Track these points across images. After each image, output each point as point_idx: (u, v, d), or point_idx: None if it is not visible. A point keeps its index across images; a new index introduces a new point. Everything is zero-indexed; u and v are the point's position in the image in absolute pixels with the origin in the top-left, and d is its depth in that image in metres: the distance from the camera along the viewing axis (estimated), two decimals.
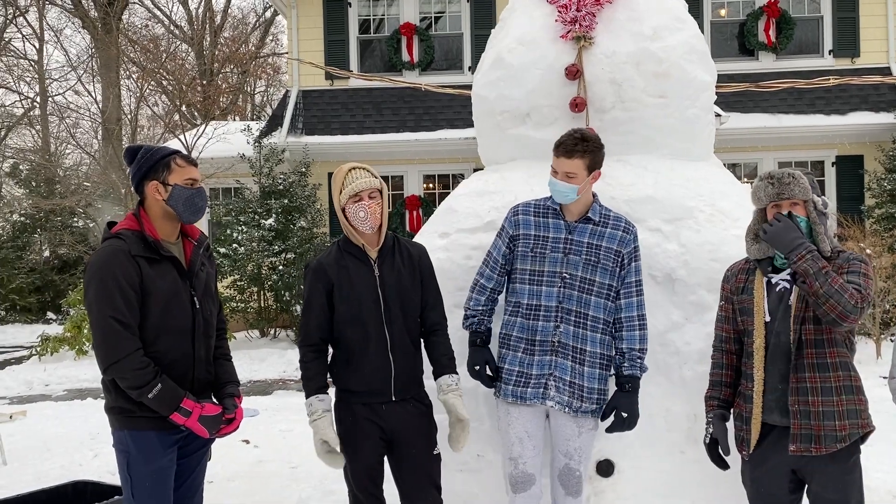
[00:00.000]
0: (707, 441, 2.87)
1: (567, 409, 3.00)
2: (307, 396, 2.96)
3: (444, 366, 3.05)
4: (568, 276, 3.02)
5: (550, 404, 3.02)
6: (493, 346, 3.22)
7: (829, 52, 13.25)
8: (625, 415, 3.00)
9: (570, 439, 3.02)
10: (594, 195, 3.13)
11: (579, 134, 3.05)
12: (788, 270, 2.72)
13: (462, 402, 3.01)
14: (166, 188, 2.76)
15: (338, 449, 2.91)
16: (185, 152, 2.88)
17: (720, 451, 2.85)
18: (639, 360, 3.05)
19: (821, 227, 2.71)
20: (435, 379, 3.05)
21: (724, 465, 2.88)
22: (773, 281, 2.75)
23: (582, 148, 3.00)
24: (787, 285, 2.72)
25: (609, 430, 3.05)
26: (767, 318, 2.73)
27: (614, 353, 3.09)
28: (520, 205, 3.19)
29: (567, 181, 3.00)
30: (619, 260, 3.05)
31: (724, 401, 2.89)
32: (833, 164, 13.14)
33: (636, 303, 3.07)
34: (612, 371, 3.10)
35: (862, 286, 2.59)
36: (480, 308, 3.19)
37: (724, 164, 4.35)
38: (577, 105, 3.78)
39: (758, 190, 2.78)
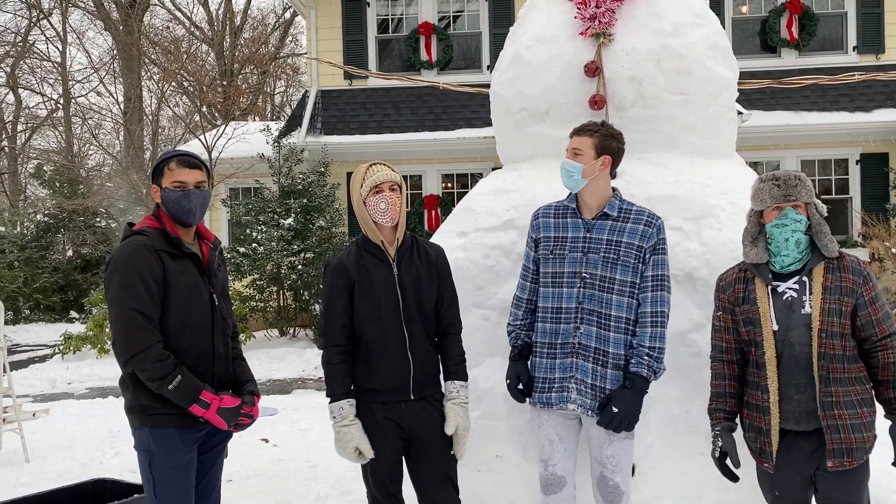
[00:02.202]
0: (717, 455, 2.78)
1: (589, 412, 2.94)
2: (334, 400, 2.93)
3: (451, 372, 3.03)
4: (588, 276, 2.96)
5: (573, 407, 2.97)
6: None
7: (854, 48, 13.07)
8: (615, 409, 2.86)
9: (603, 447, 2.95)
10: (615, 190, 3.07)
11: (600, 121, 3.10)
12: (795, 279, 2.67)
13: (459, 412, 2.96)
14: (161, 191, 2.84)
15: (371, 457, 2.90)
16: (192, 153, 2.92)
17: (729, 463, 2.78)
18: (646, 359, 2.90)
19: (826, 228, 2.67)
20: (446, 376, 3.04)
21: (734, 477, 2.80)
22: (780, 289, 2.69)
23: (592, 127, 3.02)
24: (794, 294, 2.66)
25: (599, 422, 2.91)
26: (775, 328, 2.67)
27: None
28: (541, 208, 3.17)
29: (574, 158, 2.99)
30: (641, 255, 2.96)
31: (730, 412, 2.81)
32: (857, 161, 12.96)
33: (651, 298, 2.94)
34: None
35: (891, 315, 2.59)
36: (518, 322, 3.14)
37: (746, 163, 4.29)
38: (597, 102, 3.74)
39: (760, 192, 2.73)
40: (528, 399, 3.10)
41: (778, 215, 2.68)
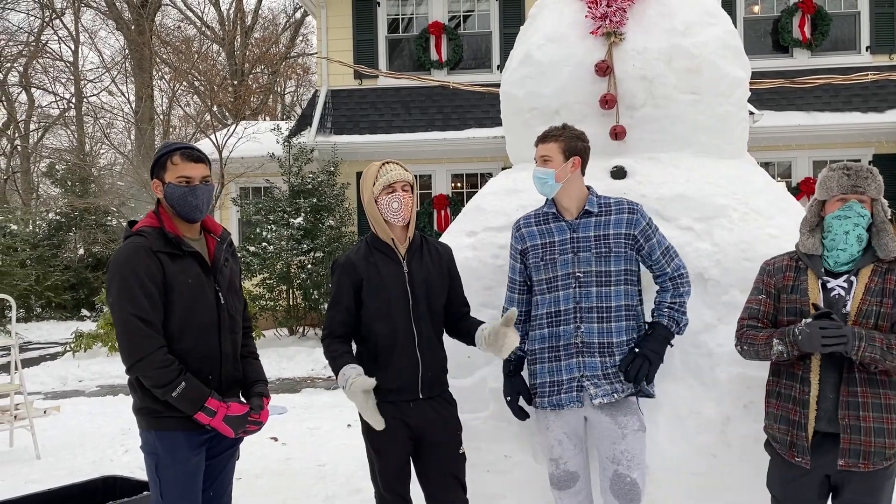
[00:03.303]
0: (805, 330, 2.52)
1: (615, 395, 2.94)
2: (337, 370, 2.88)
3: (479, 322, 3.03)
4: (582, 275, 2.98)
5: (597, 402, 2.95)
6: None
7: (867, 48, 12.98)
8: (637, 350, 2.94)
9: (616, 442, 2.94)
10: (589, 188, 3.09)
11: (560, 124, 3.12)
12: (844, 278, 2.62)
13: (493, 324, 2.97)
14: (164, 186, 2.75)
15: (371, 386, 2.79)
16: (197, 147, 2.82)
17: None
18: (666, 310, 3.00)
19: (889, 227, 2.60)
20: (474, 335, 2.98)
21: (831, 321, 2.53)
22: (830, 285, 2.64)
23: (556, 133, 3.05)
24: (842, 292, 2.62)
25: (621, 366, 2.94)
26: None
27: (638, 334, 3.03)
28: (520, 219, 3.18)
29: (544, 165, 3.01)
30: (632, 242, 3.00)
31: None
32: (870, 162, 12.86)
33: (670, 271, 3.02)
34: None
35: None
36: None
37: (758, 163, 4.27)
38: (607, 102, 3.73)
39: (828, 180, 2.66)
40: (532, 408, 3.11)
41: (841, 206, 2.61)
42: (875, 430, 2.55)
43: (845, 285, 2.63)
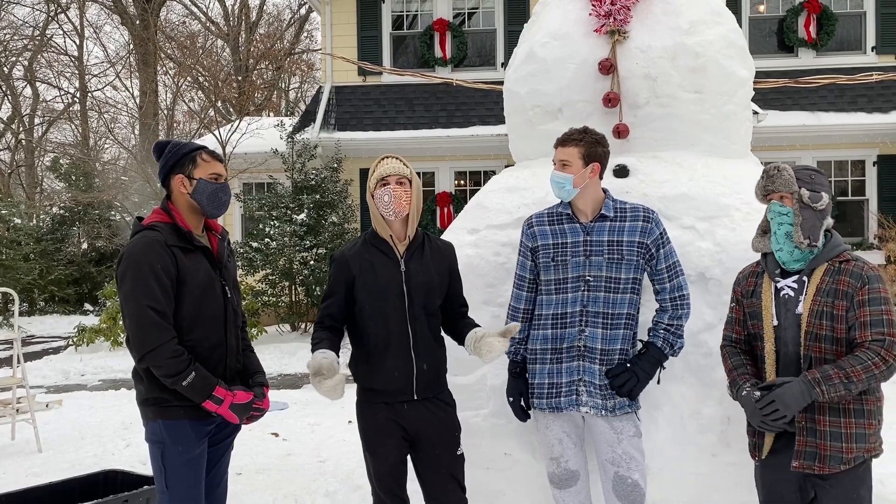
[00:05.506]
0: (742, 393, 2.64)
1: (603, 411, 2.94)
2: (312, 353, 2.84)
3: (476, 325, 3.01)
4: (592, 279, 2.97)
5: (585, 410, 2.97)
6: None
7: (872, 48, 12.94)
8: (628, 365, 2.94)
9: (613, 446, 2.95)
10: (605, 191, 3.07)
11: (581, 127, 3.09)
12: (794, 278, 2.64)
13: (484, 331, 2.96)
14: (191, 182, 2.81)
15: (327, 375, 2.72)
16: (211, 148, 2.93)
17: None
18: (662, 332, 2.99)
19: (797, 219, 2.62)
20: (466, 336, 2.96)
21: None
22: (779, 286, 2.66)
23: (577, 137, 3.01)
24: (791, 293, 2.63)
25: (608, 373, 2.94)
26: (775, 322, 2.65)
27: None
28: (533, 216, 3.16)
29: (562, 170, 2.99)
30: (644, 251, 2.99)
31: (752, 375, 2.70)
32: (874, 163, 12.84)
33: (669, 287, 3.00)
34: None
35: (885, 322, 2.49)
36: (517, 336, 3.12)
37: (762, 163, 4.26)
38: (611, 100, 3.72)
39: (756, 186, 2.79)
40: (531, 410, 3.11)
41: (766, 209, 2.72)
42: (832, 434, 2.54)
43: (795, 285, 2.64)
